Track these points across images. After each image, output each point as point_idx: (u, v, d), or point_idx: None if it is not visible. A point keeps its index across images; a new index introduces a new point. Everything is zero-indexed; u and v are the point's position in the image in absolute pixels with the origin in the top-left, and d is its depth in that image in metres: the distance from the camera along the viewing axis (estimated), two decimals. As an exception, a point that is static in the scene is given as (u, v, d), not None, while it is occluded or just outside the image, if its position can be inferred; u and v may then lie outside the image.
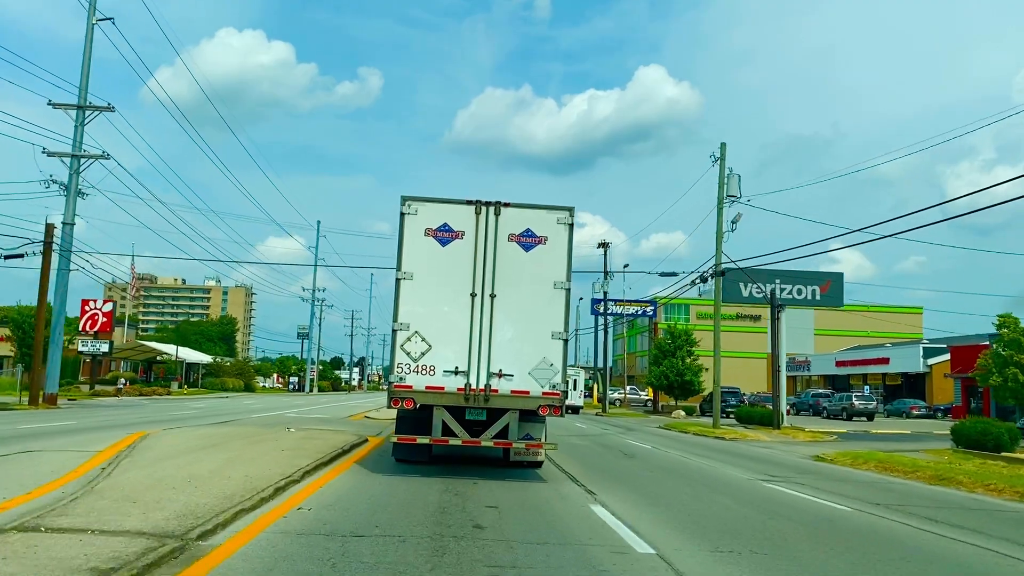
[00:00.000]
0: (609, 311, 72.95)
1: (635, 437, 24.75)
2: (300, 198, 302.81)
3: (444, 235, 10.89)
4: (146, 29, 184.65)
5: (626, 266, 56.67)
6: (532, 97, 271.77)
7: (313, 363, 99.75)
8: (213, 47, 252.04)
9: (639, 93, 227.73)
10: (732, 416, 45.13)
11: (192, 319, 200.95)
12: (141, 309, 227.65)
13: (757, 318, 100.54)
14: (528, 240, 10.93)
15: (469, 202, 10.99)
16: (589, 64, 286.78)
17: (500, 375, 10.73)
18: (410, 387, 10.70)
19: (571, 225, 11.04)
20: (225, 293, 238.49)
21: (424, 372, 10.70)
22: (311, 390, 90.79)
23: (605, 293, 49.21)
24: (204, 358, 78.31)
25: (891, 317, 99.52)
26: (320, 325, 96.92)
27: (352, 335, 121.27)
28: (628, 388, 67.23)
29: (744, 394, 52.77)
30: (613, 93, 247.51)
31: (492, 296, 10.79)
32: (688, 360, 46.52)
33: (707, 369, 47.15)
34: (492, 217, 10.94)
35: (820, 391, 56.31)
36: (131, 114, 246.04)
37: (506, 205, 11.00)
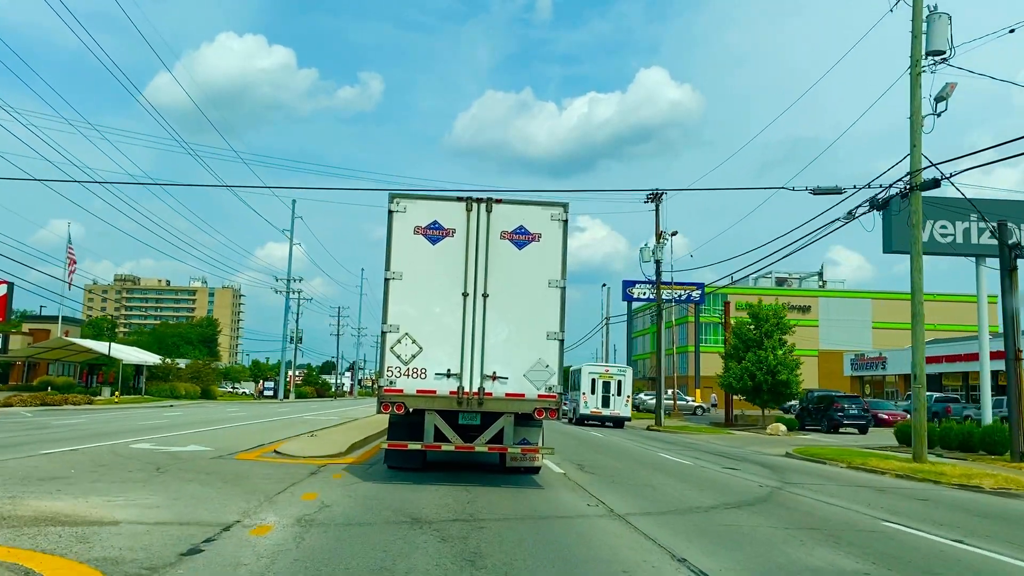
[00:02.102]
0: (644, 296, 59.52)
1: (851, 501, 11.31)
2: (300, 202, 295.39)
3: (434, 233, 10.46)
4: (147, 34, 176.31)
5: (674, 233, 41.45)
6: (532, 100, 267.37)
7: (289, 365, 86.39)
8: (214, 51, 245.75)
9: (640, 95, 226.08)
10: (855, 431, 31.77)
11: (172, 322, 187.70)
12: (123, 312, 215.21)
13: (807, 309, 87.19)
14: (521, 237, 10.51)
15: (460, 199, 10.60)
16: (589, 67, 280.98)
17: (494, 377, 10.28)
18: (400, 391, 10.20)
19: (565, 222, 10.56)
20: (211, 295, 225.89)
21: (415, 375, 10.24)
22: (286, 396, 77.39)
23: (658, 263, 35.94)
24: (152, 359, 64.86)
25: (947, 307, 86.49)
26: (298, 320, 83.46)
27: (339, 334, 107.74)
28: (670, 392, 53.87)
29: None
30: (614, 96, 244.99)
31: (485, 296, 10.35)
32: (780, 352, 33.20)
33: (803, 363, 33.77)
34: (484, 214, 10.51)
35: (948, 395, 42.66)
36: (133, 119, 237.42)
37: (498, 201, 10.62)
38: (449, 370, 10.25)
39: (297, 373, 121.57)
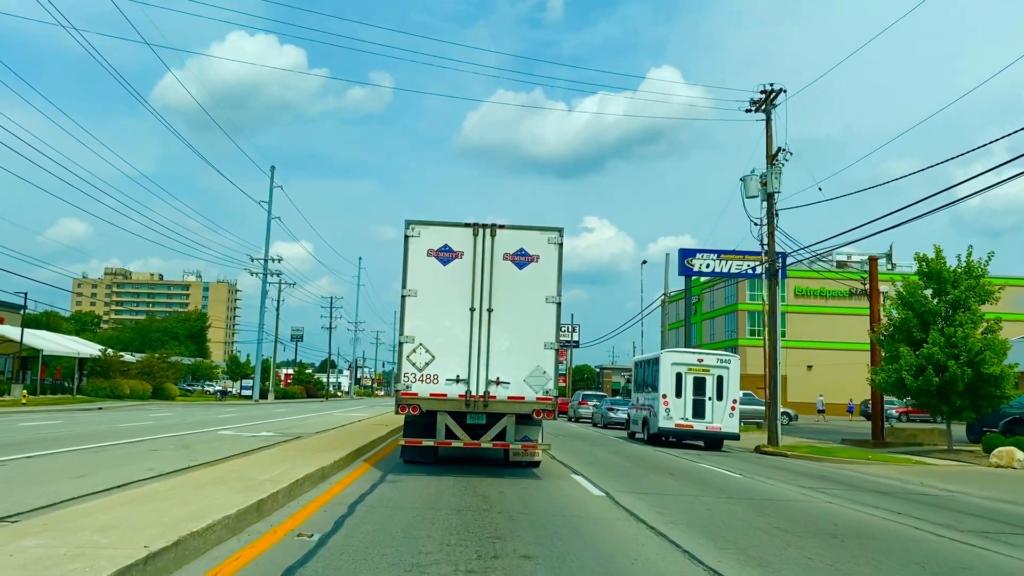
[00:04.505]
0: (708, 270, 46.91)
1: None
2: (305, 203, 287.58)
3: (445, 255, 11.39)
4: (153, 35, 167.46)
5: (776, 159, 25.13)
6: (542, 100, 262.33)
7: (275, 362, 74.39)
8: (223, 51, 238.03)
9: (649, 96, 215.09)
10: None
11: (160, 317, 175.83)
12: (114, 307, 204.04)
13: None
14: (521, 259, 11.41)
15: (467, 225, 11.53)
16: (597, 68, 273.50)
17: (497, 382, 11.17)
18: (415, 394, 11.16)
19: (560, 244, 11.45)
20: (206, 289, 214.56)
21: (428, 380, 11.18)
22: (263, 396, 65.42)
23: (770, 197, 23.68)
24: (90, 351, 52.88)
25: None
26: (279, 308, 71.39)
27: (332, 327, 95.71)
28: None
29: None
30: (623, 96, 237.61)
31: (489, 310, 11.27)
32: (978, 332, 20.87)
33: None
34: (488, 238, 11.45)
35: None
36: (139, 119, 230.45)
37: (501, 227, 11.54)
38: (458, 376, 11.19)
39: (289, 371, 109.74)
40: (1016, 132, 15.70)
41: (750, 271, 41.81)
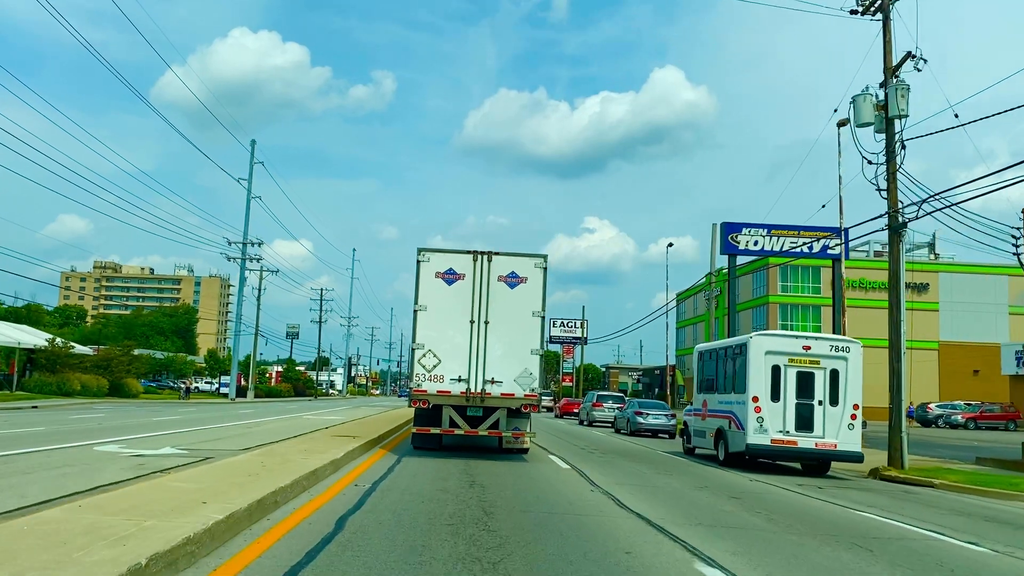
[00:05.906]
0: (757, 248, 40.05)
1: None
2: (306, 201, 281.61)
3: (450, 277, 13.64)
4: (155, 32, 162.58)
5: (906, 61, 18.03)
6: (545, 100, 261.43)
7: (252, 355, 67.67)
8: (226, 48, 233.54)
9: (653, 96, 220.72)
10: None
11: (148, 311, 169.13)
12: (103, 302, 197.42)
13: (923, 288, 67.43)
14: (513, 280, 13.67)
15: (468, 251, 13.85)
16: (600, 68, 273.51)
17: (492, 382, 13.50)
18: (425, 391, 13.54)
19: (545, 268, 13.84)
20: (198, 284, 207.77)
21: (435, 380, 13.52)
22: (240, 395, 58.74)
23: (890, 125, 17.01)
24: (34, 341, 46.13)
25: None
26: (259, 298, 64.62)
27: (321, 320, 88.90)
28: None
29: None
30: (626, 96, 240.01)
31: (486, 323, 13.59)
32: None
33: None
34: (486, 263, 13.74)
35: None
36: (139, 116, 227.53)
37: (496, 254, 13.80)
38: (460, 376, 13.55)
39: (280, 368, 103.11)
40: None
41: (806, 250, 35.21)
